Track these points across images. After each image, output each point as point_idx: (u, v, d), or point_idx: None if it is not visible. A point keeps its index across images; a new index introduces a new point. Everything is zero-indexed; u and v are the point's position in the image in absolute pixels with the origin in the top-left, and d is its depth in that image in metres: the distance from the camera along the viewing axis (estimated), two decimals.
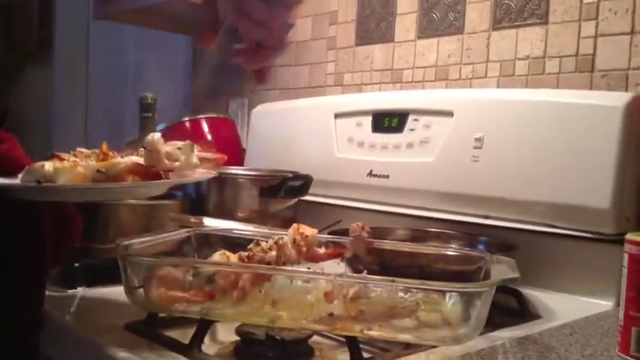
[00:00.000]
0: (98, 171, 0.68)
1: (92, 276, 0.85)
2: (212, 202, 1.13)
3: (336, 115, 1.24)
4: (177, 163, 0.73)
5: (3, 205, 0.68)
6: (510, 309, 0.80)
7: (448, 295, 0.59)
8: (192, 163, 0.76)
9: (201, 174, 0.78)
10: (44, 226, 0.71)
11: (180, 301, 0.62)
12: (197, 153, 0.77)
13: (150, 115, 1.15)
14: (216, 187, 1.13)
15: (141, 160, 0.72)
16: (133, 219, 0.93)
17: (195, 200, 1.09)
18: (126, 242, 0.65)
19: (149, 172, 0.71)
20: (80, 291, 0.83)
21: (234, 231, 0.84)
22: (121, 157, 0.73)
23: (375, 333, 0.58)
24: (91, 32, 2.40)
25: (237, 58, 0.63)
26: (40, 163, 0.68)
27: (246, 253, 0.68)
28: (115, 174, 0.69)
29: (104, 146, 0.73)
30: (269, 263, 0.68)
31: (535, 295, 0.88)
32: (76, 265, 0.85)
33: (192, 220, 0.90)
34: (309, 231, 0.72)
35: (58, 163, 0.69)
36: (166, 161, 0.72)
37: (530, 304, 0.83)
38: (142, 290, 0.63)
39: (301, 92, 1.49)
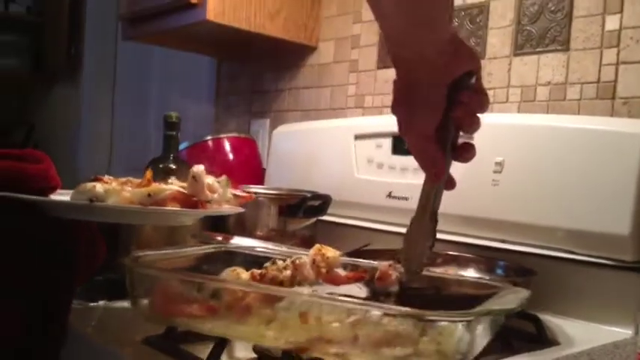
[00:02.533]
0: (149, 195, 0.71)
1: (114, 290, 0.86)
2: (232, 220, 1.14)
3: (356, 137, 1.25)
4: (215, 195, 0.77)
5: (40, 224, 0.69)
6: (528, 335, 0.80)
7: (451, 323, 0.56)
8: (227, 197, 0.79)
9: (232, 208, 0.81)
10: (78, 245, 0.73)
11: (181, 314, 0.62)
12: (232, 189, 0.80)
13: (174, 133, 1.17)
14: None
15: (182, 189, 0.75)
16: (155, 234, 0.94)
17: (215, 218, 1.11)
18: (139, 254, 0.67)
19: (188, 201, 0.74)
20: (101, 304, 0.85)
21: (257, 249, 0.85)
22: (164, 184, 0.76)
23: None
24: (119, 52, 2.46)
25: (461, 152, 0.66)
26: (91, 184, 0.70)
27: (259, 271, 0.68)
28: (161, 199, 0.72)
29: (149, 173, 0.76)
30: (282, 282, 0.67)
31: (553, 321, 0.88)
32: (99, 278, 0.87)
33: (217, 238, 0.91)
34: (330, 252, 0.71)
35: (107, 185, 0.71)
36: (207, 192, 0.75)
37: (548, 330, 0.82)
38: (145, 301, 0.64)
39: (322, 113, 1.50)
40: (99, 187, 0.70)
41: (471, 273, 0.96)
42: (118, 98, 2.47)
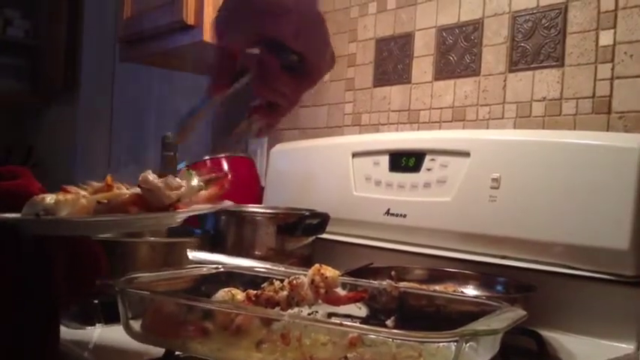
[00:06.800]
0: (98, 202, 0.67)
1: (110, 313, 0.85)
2: (230, 239, 1.14)
3: (354, 155, 1.25)
4: (182, 189, 0.71)
5: (11, 240, 0.67)
6: (529, 351, 0.79)
7: (441, 344, 0.54)
8: (195, 186, 0.74)
9: (214, 205, 0.76)
10: (53, 261, 0.70)
11: (170, 334, 0.62)
12: (200, 177, 0.75)
13: (172, 153, 1.17)
14: (234, 224, 1.14)
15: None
16: (152, 256, 0.94)
17: (214, 237, 1.10)
18: (133, 276, 0.66)
19: (151, 203, 0.70)
20: (98, 328, 0.84)
21: (256, 269, 0.83)
22: (127, 188, 0.71)
23: None
24: (117, 73, 2.48)
25: (252, 114, 0.63)
26: (41, 196, 0.67)
27: (254, 292, 0.68)
28: (118, 206, 0.68)
29: (108, 178, 0.73)
30: (277, 303, 0.66)
31: (554, 337, 0.87)
32: (95, 301, 0.86)
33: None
34: (329, 272, 0.68)
35: (60, 196, 0.67)
36: (168, 192, 0.70)
37: (549, 347, 0.82)
38: (137, 323, 0.63)
39: (320, 132, 1.50)
40: (49, 199, 0.66)
41: (470, 290, 0.96)
42: (116, 118, 2.47)
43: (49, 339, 0.70)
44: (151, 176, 0.70)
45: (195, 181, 0.74)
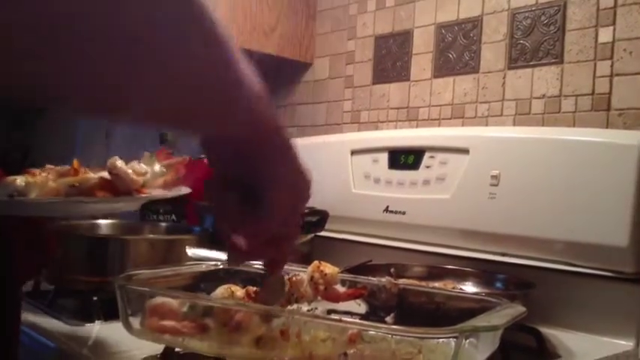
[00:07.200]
0: (72, 185, 0.69)
1: (109, 309, 0.85)
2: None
3: (353, 152, 1.25)
4: (148, 175, 0.74)
5: None
6: (529, 348, 0.79)
7: (440, 340, 0.54)
8: (158, 172, 0.77)
9: (176, 190, 0.78)
10: (16, 243, 0.70)
11: (169, 331, 0.61)
12: (160, 163, 0.78)
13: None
14: None
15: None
16: (151, 253, 0.93)
17: (213, 234, 1.10)
18: (132, 272, 0.66)
19: (118, 187, 0.72)
20: (97, 324, 0.84)
21: (255, 266, 0.83)
22: (93, 173, 0.73)
23: None
24: None
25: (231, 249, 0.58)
26: (12, 178, 0.68)
27: (254, 289, 0.67)
28: (86, 189, 0.70)
29: (75, 162, 0.74)
30: None
31: (554, 334, 0.87)
32: (94, 298, 0.86)
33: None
34: (329, 269, 0.69)
35: (30, 178, 0.69)
36: (135, 178, 0.73)
37: (549, 344, 0.82)
38: (136, 319, 0.63)
39: (319, 129, 1.50)
40: (20, 180, 0.68)
41: (469, 287, 0.96)
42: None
43: (9, 322, 0.69)
44: (119, 162, 0.72)
45: (157, 167, 0.77)
